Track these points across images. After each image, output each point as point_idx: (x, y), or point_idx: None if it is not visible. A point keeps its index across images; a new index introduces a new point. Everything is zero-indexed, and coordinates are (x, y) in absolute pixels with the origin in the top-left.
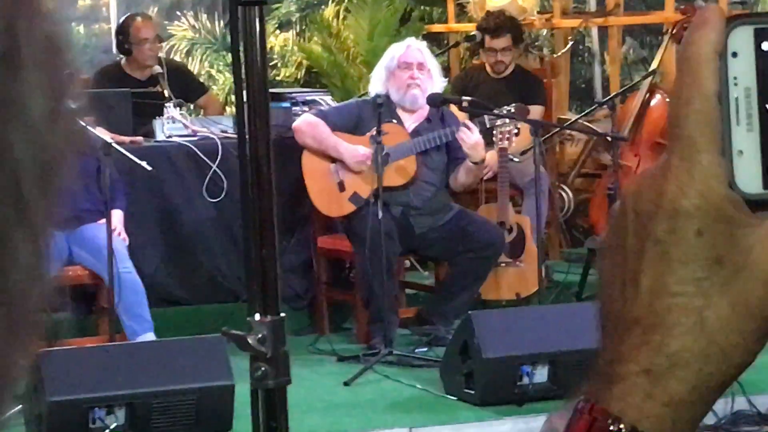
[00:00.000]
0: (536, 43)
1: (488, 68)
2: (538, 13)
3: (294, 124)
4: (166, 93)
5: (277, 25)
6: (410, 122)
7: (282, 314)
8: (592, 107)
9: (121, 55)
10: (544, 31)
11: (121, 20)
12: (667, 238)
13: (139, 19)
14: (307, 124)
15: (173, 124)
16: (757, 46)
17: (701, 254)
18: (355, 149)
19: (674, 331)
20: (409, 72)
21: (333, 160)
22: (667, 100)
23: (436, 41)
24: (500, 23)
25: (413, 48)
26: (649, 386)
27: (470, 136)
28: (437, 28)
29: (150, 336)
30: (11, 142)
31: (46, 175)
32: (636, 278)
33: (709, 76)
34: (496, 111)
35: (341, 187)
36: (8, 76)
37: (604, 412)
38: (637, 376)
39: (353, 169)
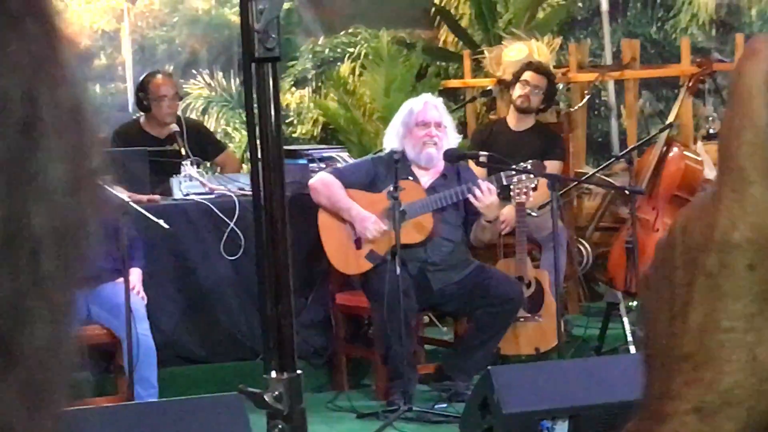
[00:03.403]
0: None
1: (509, 116)
2: (555, 67)
3: (310, 182)
4: (183, 151)
5: (293, 83)
6: (426, 179)
7: (298, 371)
8: (610, 161)
9: (140, 113)
10: (561, 86)
11: (141, 77)
12: (717, 272)
13: (159, 76)
14: (322, 184)
15: (190, 182)
16: None
17: (753, 289)
18: (367, 218)
19: (726, 367)
20: (427, 130)
21: None
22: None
23: (452, 97)
24: (545, 66)
25: (430, 105)
26: (699, 425)
27: (483, 199)
28: (453, 83)
29: None
30: (29, 214)
31: (65, 247)
32: (685, 312)
33: (760, 107)
34: (513, 166)
35: (358, 244)
36: (28, 145)
37: None
38: (687, 415)
39: (363, 237)
